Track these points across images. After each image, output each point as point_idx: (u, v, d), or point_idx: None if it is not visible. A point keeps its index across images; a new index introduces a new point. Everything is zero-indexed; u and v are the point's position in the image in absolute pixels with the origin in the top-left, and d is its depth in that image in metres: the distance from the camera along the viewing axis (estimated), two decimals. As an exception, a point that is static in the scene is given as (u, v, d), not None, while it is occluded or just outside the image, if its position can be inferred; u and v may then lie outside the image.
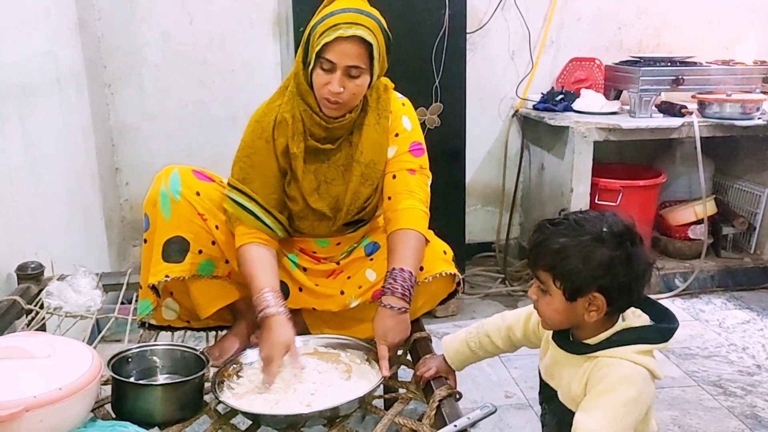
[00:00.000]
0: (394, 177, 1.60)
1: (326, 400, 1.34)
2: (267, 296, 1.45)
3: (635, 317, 1.18)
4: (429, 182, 1.66)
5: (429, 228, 1.69)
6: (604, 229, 1.11)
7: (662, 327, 1.16)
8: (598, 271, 1.10)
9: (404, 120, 1.64)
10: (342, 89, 1.46)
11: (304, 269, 1.68)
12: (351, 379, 1.43)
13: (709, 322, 2.68)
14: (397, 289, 1.45)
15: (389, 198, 1.59)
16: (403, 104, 1.67)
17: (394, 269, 1.48)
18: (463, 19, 2.58)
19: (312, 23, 1.50)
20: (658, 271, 2.90)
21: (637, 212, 2.80)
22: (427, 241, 1.58)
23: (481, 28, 3.05)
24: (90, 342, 1.67)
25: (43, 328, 1.73)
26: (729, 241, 3.09)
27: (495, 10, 3.05)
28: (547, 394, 1.27)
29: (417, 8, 2.54)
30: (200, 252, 1.59)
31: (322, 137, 1.58)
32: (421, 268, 1.56)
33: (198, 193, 1.59)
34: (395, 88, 1.69)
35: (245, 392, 1.39)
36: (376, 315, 1.47)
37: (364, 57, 1.46)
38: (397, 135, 1.62)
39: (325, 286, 1.65)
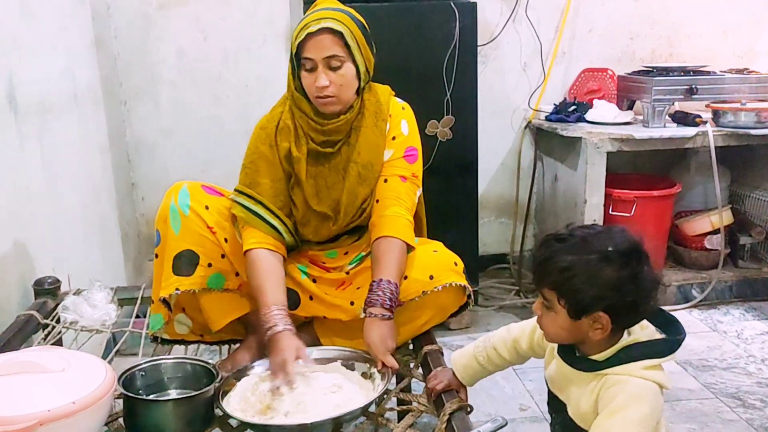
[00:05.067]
0: (385, 181, 1.63)
1: (328, 411, 1.33)
2: (275, 314, 1.47)
3: (641, 330, 1.16)
4: (419, 192, 1.68)
5: (442, 240, 1.72)
6: (611, 248, 1.09)
7: (669, 340, 1.15)
8: (604, 292, 1.09)
9: (402, 124, 1.66)
10: (327, 82, 1.51)
11: (314, 279, 1.69)
12: (351, 389, 1.42)
13: (727, 334, 2.65)
14: (386, 300, 1.48)
15: (377, 201, 1.63)
16: (403, 108, 1.69)
17: (381, 280, 1.50)
18: (474, 32, 2.60)
19: None
20: (665, 287, 2.87)
21: (651, 223, 2.80)
22: (410, 248, 1.59)
23: (492, 40, 3.07)
24: (106, 356, 1.69)
25: (59, 342, 1.75)
26: (746, 251, 3.04)
27: (506, 22, 3.06)
28: (556, 405, 1.26)
29: (428, 22, 2.55)
30: (210, 265, 1.61)
31: (322, 141, 1.61)
32: (431, 277, 1.56)
33: (207, 207, 1.62)
34: (407, 102, 1.71)
35: (248, 404, 1.39)
36: (366, 327, 1.48)
37: (338, 45, 1.51)
38: (394, 138, 1.65)
39: (335, 297, 1.65)
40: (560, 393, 1.25)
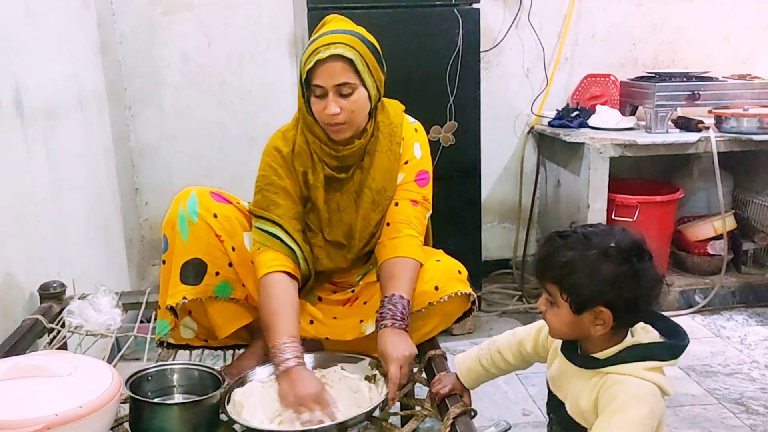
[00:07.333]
0: (396, 204, 1.62)
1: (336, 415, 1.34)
2: (285, 347, 1.43)
3: (645, 333, 1.18)
4: (428, 215, 1.67)
5: (445, 245, 1.72)
6: (612, 244, 1.12)
7: (672, 344, 1.16)
8: (603, 286, 1.11)
9: (415, 147, 1.65)
10: (338, 110, 1.49)
11: (319, 298, 1.69)
12: (357, 394, 1.43)
13: (730, 339, 2.64)
14: (396, 315, 1.46)
15: (387, 224, 1.62)
16: (416, 130, 1.68)
17: (393, 295, 1.49)
18: (477, 37, 2.61)
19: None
20: (668, 287, 2.87)
21: (654, 228, 2.81)
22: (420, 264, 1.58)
23: (495, 46, 3.08)
24: (110, 360, 1.70)
25: (64, 347, 1.76)
26: (749, 257, 3.05)
27: (509, 28, 3.07)
28: (555, 404, 1.28)
29: (431, 28, 2.56)
30: (217, 274, 1.61)
31: (336, 166, 1.60)
32: (436, 288, 1.56)
33: (215, 215, 1.61)
34: (410, 108, 1.71)
35: (255, 410, 1.40)
36: (378, 338, 1.46)
37: (349, 72, 1.47)
38: (406, 162, 1.64)
39: (343, 317, 1.65)
40: (559, 391, 1.26)
